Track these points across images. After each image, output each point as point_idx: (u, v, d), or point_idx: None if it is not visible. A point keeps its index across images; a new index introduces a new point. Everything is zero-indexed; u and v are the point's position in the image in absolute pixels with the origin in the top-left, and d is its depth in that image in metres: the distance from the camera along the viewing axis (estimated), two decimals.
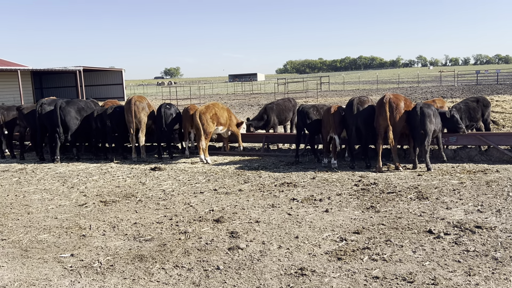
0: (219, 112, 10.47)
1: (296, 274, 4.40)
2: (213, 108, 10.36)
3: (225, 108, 10.96)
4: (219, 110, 10.51)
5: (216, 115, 10.32)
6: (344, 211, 6.33)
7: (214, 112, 10.30)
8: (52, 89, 45.31)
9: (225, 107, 11.00)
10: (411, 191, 7.14)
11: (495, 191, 6.93)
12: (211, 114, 10.20)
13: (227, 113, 10.79)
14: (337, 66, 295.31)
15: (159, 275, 4.51)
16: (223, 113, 10.61)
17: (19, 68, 33.87)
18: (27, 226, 6.23)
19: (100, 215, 6.59)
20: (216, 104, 10.69)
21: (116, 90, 43.51)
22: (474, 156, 9.28)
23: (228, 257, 4.87)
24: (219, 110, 10.51)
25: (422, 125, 8.38)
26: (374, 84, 52.96)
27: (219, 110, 10.51)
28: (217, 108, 10.47)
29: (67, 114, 10.81)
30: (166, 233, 5.70)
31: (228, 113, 10.86)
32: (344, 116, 9.20)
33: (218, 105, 10.71)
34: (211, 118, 10.18)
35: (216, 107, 10.51)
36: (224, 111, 10.75)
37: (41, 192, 8.13)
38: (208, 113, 10.17)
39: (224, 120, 10.62)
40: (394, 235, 5.29)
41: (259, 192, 7.55)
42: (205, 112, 10.16)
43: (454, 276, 4.22)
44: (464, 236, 5.18)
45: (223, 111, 10.68)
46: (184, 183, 8.37)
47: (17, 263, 4.98)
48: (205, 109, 10.23)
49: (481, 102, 10.16)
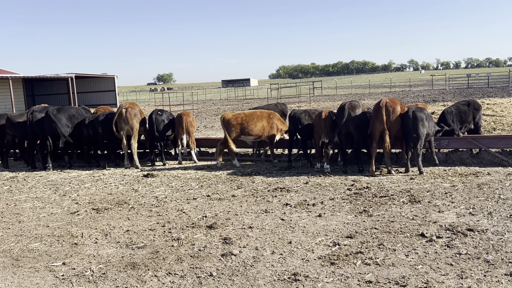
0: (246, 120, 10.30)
1: (290, 279, 4.39)
2: (239, 116, 10.28)
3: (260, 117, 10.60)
4: (246, 118, 10.33)
5: (239, 124, 10.21)
6: (337, 215, 6.33)
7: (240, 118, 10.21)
8: (44, 96, 45.12)
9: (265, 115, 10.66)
10: (403, 195, 7.17)
11: (486, 194, 6.97)
12: (236, 122, 10.16)
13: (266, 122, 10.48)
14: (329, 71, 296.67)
15: (152, 283, 4.48)
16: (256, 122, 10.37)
17: (10, 75, 33.69)
18: (18, 235, 6.17)
19: (92, 223, 6.54)
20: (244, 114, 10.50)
21: (108, 96, 43.40)
22: (466, 159, 9.34)
23: (221, 264, 4.86)
24: (246, 118, 10.33)
25: (414, 129, 8.43)
26: (367, 89, 53.26)
27: (246, 118, 10.33)
28: (244, 116, 10.33)
29: (58, 121, 10.74)
30: (159, 240, 5.67)
31: (267, 122, 10.52)
32: (336, 121, 9.23)
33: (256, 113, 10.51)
34: (235, 126, 10.14)
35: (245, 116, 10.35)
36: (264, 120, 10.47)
37: (33, 200, 8.06)
38: (233, 120, 10.16)
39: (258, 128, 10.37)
40: (387, 239, 5.30)
41: (252, 197, 7.54)
42: (231, 118, 10.17)
43: (447, 279, 4.23)
44: (456, 239, 5.21)
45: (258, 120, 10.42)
46: (177, 190, 8.34)
47: (8, 272, 4.92)
48: (231, 116, 10.24)
49: (472, 106, 10.25)
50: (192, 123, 11.04)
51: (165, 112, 11.22)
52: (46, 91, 46.06)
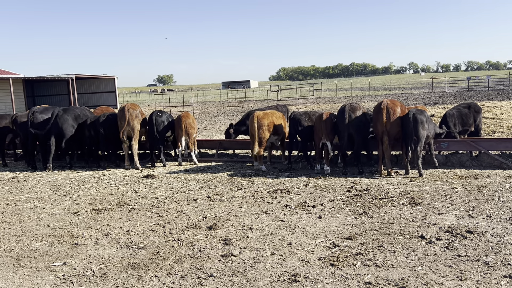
0: (276, 121, 10.13)
1: (290, 280, 4.41)
2: (271, 116, 10.08)
3: (283, 117, 10.53)
4: (277, 119, 10.18)
5: (273, 123, 9.99)
6: (337, 217, 6.35)
7: (271, 120, 9.99)
8: (44, 97, 45.07)
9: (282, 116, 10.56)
10: (403, 197, 7.19)
11: (486, 196, 6.99)
12: (268, 122, 9.90)
13: (283, 122, 10.38)
14: (329, 73, 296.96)
15: (152, 283, 4.50)
16: (280, 122, 10.24)
17: (11, 76, 33.74)
18: (19, 235, 6.18)
19: (93, 223, 6.56)
20: (274, 113, 10.33)
21: (108, 97, 43.38)
22: (466, 162, 9.37)
23: (221, 264, 4.87)
24: (277, 119, 10.18)
25: (414, 131, 8.46)
26: (367, 91, 53.29)
27: (276, 118, 10.17)
28: (274, 117, 10.15)
29: (64, 122, 10.81)
30: (159, 241, 5.69)
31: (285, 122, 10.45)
32: (336, 123, 9.26)
33: (276, 114, 10.34)
34: (267, 126, 9.87)
35: (274, 116, 10.17)
36: (281, 119, 10.36)
37: (33, 201, 8.07)
38: (265, 120, 9.88)
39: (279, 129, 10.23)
40: (387, 241, 5.32)
41: (252, 199, 7.55)
42: (263, 118, 9.89)
43: (446, 281, 4.25)
44: (456, 241, 5.22)
45: (280, 120, 10.30)
46: (177, 191, 8.36)
47: (9, 272, 4.94)
48: (263, 115, 9.98)
49: (472, 108, 10.28)
50: (192, 125, 11.05)
51: (165, 113, 11.24)
52: (46, 91, 46.06)
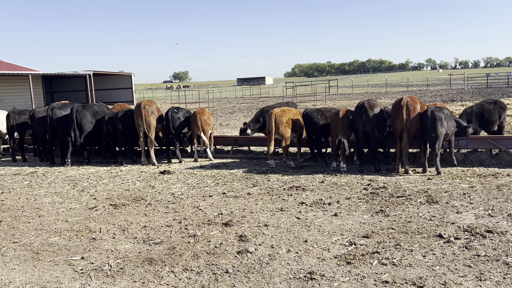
0: (294, 117, 10.13)
1: (305, 278, 4.39)
2: (288, 112, 10.09)
3: (299, 113, 10.47)
4: (294, 115, 10.16)
5: (291, 120, 10.00)
6: (353, 215, 6.31)
7: (289, 116, 10.02)
8: (62, 93, 45.72)
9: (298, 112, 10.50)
10: (421, 195, 7.10)
11: (506, 195, 6.86)
12: (286, 118, 9.93)
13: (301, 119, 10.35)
14: (345, 70, 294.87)
15: (169, 278, 4.53)
16: (297, 118, 10.24)
17: (30, 72, 34.27)
18: (38, 229, 6.29)
19: (110, 218, 6.64)
20: (291, 110, 10.34)
21: (125, 94, 43.77)
22: (485, 160, 9.20)
23: (237, 261, 4.88)
24: (294, 115, 10.16)
25: (433, 129, 8.34)
26: (383, 88, 52.75)
27: (293, 115, 10.16)
28: (291, 113, 10.14)
29: (83, 117, 10.96)
30: (175, 237, 5.72)
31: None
32: (353, 120, 9.18)
33: (293, 111, 10.32)
34: (286, 123, 9.91)
35: (291, 112, 10.17)
36: (298, 116, 10.34)
37: (52, 195, 8.20)
38: (284, 117, 9.92)
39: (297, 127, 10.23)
40: (404, 240, 5.26)
41: (268, 195, 7.55)
42: (281, 115, 9.92)
43: (465, 281, 4.18)
44: (475, 240, 5.14)
45: (297, 116, 10.29)
46: (193, 187, 8.40)
47: (29, 265, 5.03)
48: (281, 112, 10.00)
49: (498, 105, 10.09)
50: (207, 121, 11.07)
51: (181, 109, 11.30)
52: (64, 88, 46.69)
